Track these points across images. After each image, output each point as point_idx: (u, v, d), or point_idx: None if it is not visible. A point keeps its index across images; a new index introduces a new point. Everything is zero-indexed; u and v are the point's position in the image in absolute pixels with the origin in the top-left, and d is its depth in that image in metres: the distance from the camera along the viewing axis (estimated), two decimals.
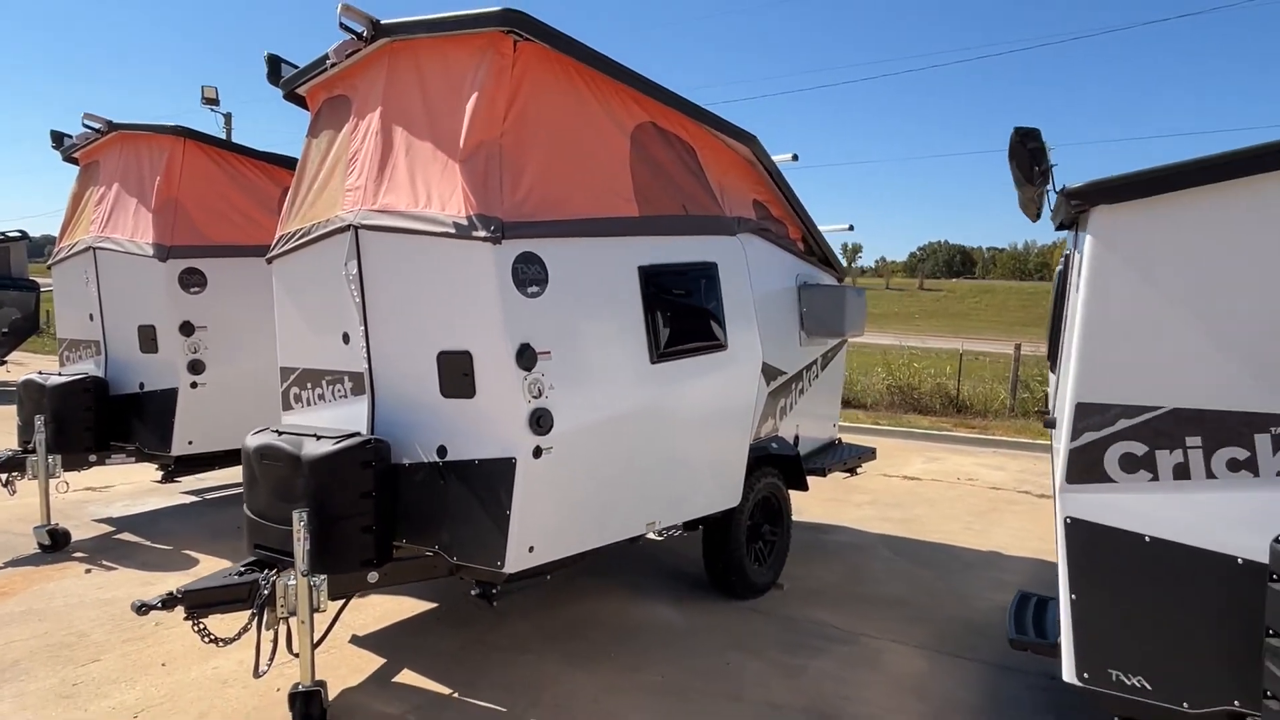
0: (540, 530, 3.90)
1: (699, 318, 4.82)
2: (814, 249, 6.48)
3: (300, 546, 3.57)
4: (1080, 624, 2.66)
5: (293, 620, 3.68)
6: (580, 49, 4.15)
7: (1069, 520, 2.69)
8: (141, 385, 6.74)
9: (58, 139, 7.37)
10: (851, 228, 7.57)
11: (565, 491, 4.02)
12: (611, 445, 4.25)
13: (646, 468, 4.50)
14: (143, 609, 3.54)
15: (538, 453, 3.79)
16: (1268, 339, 2.50)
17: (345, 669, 4.34)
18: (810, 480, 6.05)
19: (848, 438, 8.18)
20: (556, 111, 4.12)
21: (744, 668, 4.44)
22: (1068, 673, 2.73)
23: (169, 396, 6.51)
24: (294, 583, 3.62)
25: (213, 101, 25.25)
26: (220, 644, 3.63)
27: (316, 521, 3.68)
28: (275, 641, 3.74)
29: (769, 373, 5.58)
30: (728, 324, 4.94)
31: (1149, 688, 2.58)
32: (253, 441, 4.13)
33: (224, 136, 26.00)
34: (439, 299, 3.98)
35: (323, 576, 3.66)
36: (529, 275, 3.87)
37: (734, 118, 5.15)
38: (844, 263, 7.20)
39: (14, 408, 6.82)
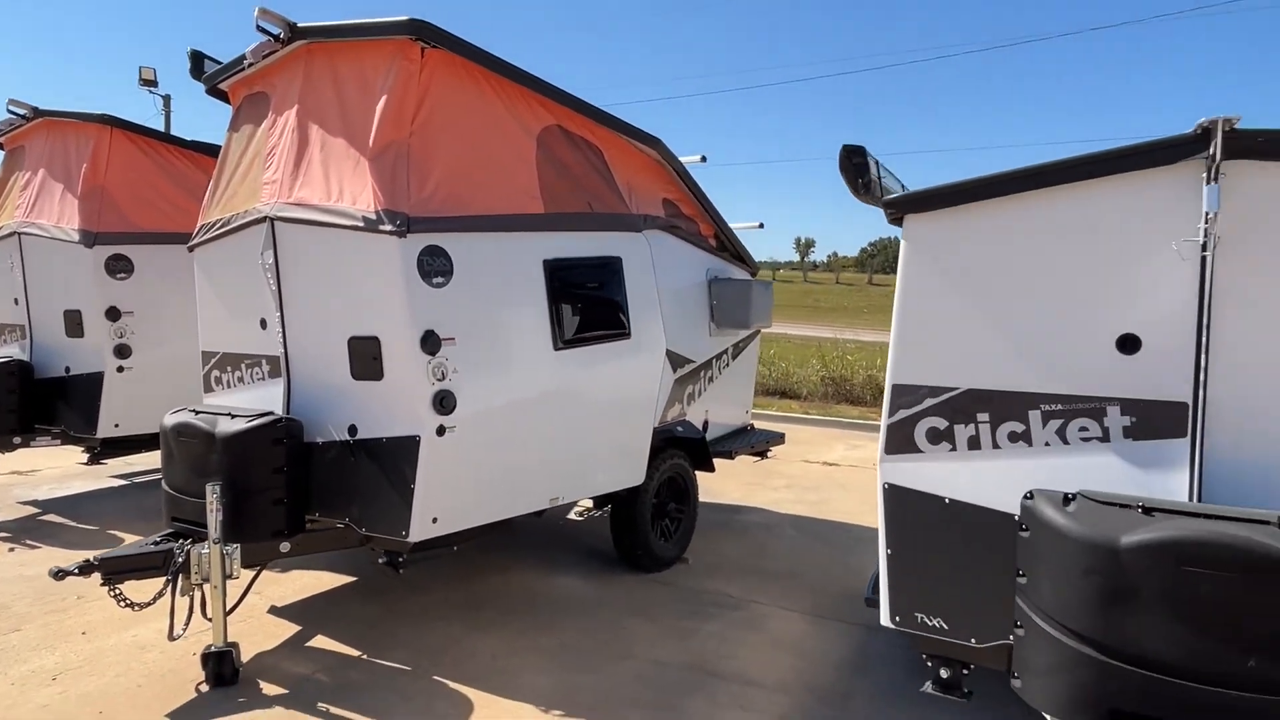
0: (443, 503, 4.18)
1: (603, 308, 5.16)
2: (726, 245, 6.87)
3: (213, 517, 3.83)
4: (893, 575, 3.08)
5: (207, 586, 3.95)
6: (486, 57, 4.45)
7: (886, 486, 3.10)
8: (67, 369, 6.87)
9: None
10: (761, 225, 8.02)
11: (468, 468, 4.30)
12: (514, 425, 4.55)
13: (550, 447, 4.81)
14: (59, 574, 3.77)
15: (441, 431, 4.08)
16: (1037, 331, 2.94)
17: (261, 635, 4.61)
18: (725, 464, 6.45)
19: (779, 426, 8.63)
20: (463, 114, 4.42)
21: (638, 631, 4.82)
22: (885, 618, 3.15)
23: (95, 380, 6.65)
24: (207, 551, 3.89)
25: (150, 83, 24.70)
26: (136, 608, 3.90)
27: (230, 494, 3.94)
28: (190, 609, 4.01)
29: (675, 360, 5.95)
30: (631, 314, 5.30)
31: (946, 627, 3.01)
32: (170, 420, 4.38)
33: (164, 117, 25.55)
34: (350, 288, 4.26)
35: (235, 545, 3.95)
36: (434, 267, 4.16)
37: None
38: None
39: None
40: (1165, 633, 2.39)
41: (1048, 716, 2.69)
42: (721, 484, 8.16)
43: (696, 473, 6.27)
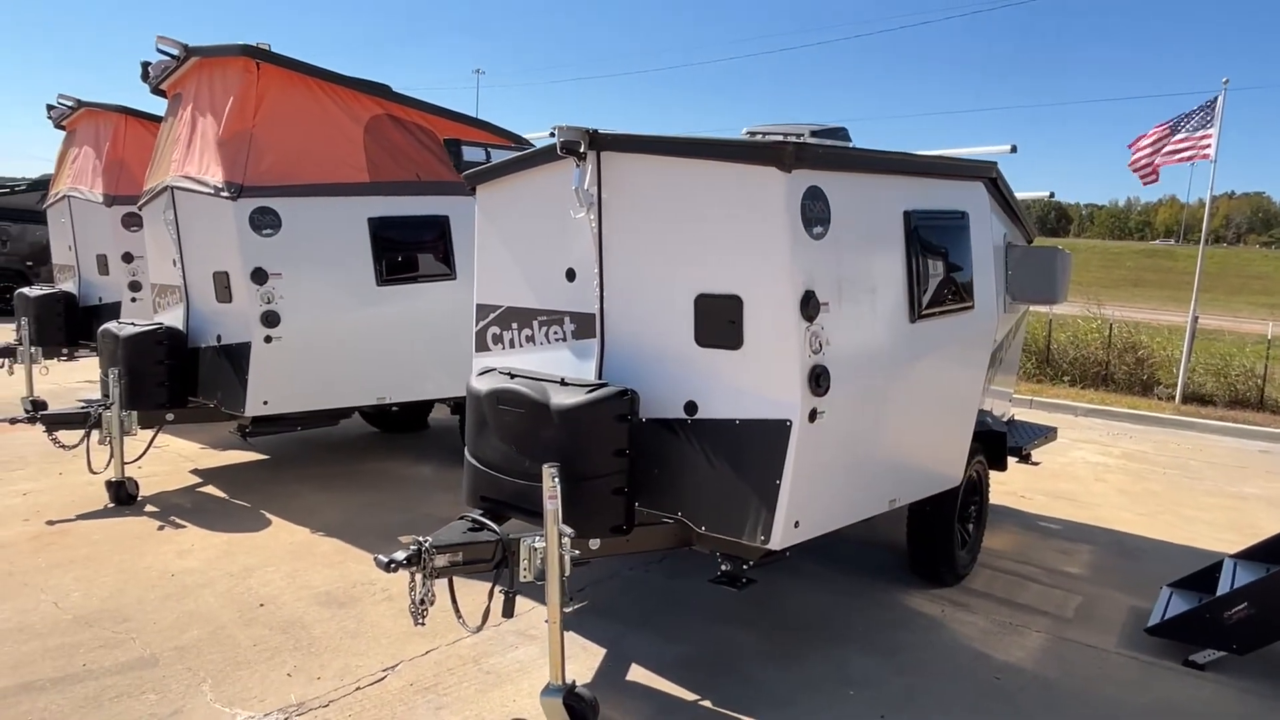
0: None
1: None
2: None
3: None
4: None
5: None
6: (313, 69, 6.11)
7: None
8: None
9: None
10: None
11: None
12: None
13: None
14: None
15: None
16: (534, 268, 4.23)
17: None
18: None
19: None
20: (296, 109, 6.08)
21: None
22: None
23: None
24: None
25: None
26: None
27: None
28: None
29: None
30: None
31: None
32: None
33: None
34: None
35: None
36: (264, 222, 5.88)
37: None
38: None
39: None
40: (495, 446, 3.72)
41: None
42: None
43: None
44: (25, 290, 9.17)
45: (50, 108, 9.69)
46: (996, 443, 5.47)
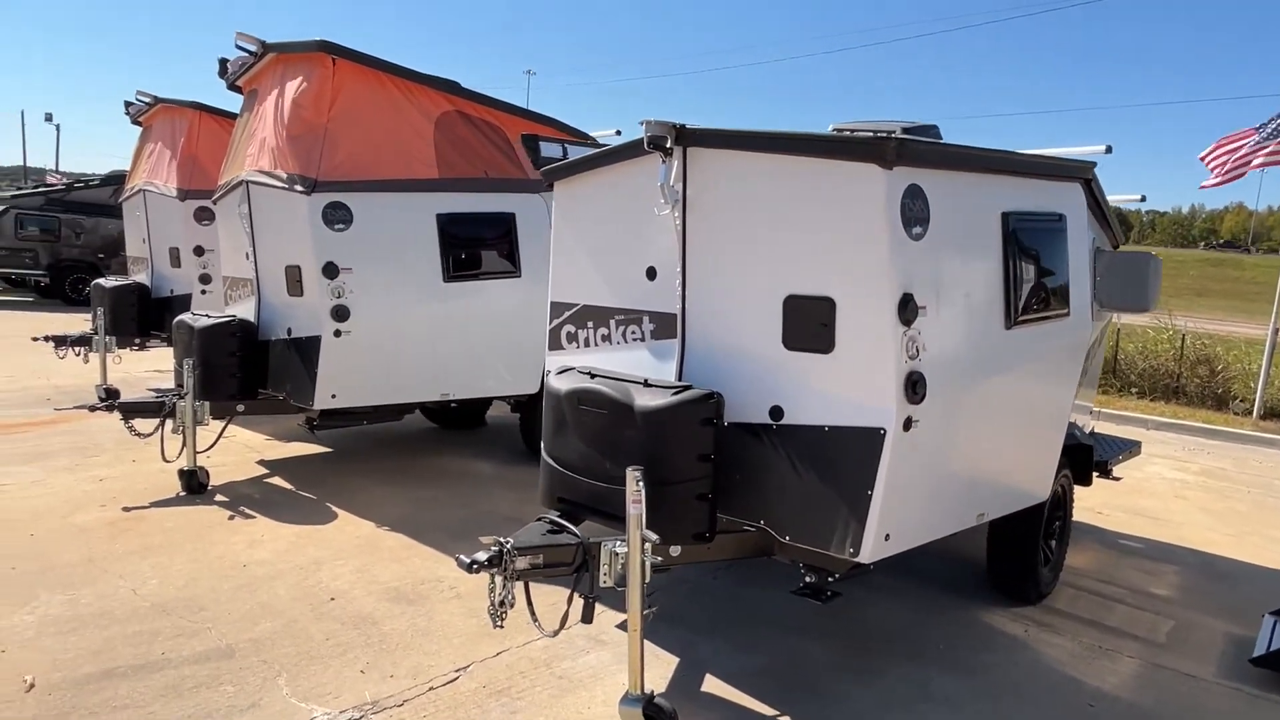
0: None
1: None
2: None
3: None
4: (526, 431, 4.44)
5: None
6: (386, 64, 6.11)
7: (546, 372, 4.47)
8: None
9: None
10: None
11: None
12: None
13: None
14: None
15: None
16: (612, 266, 4.14)
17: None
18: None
19: None
20: (370, 105, 6.10)
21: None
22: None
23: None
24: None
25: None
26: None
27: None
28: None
29: None
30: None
31: None
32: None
33: None
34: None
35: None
36: (336, 217, 5.91)
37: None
38: None
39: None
40: (574, 447, 3.65)
41: None
42: None
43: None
44: (101, 281, 9.42)
45: (128, 104, 9.95)
46: (1083, 457, 5.24)
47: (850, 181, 3.25)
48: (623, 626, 4.11)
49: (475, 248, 6.63)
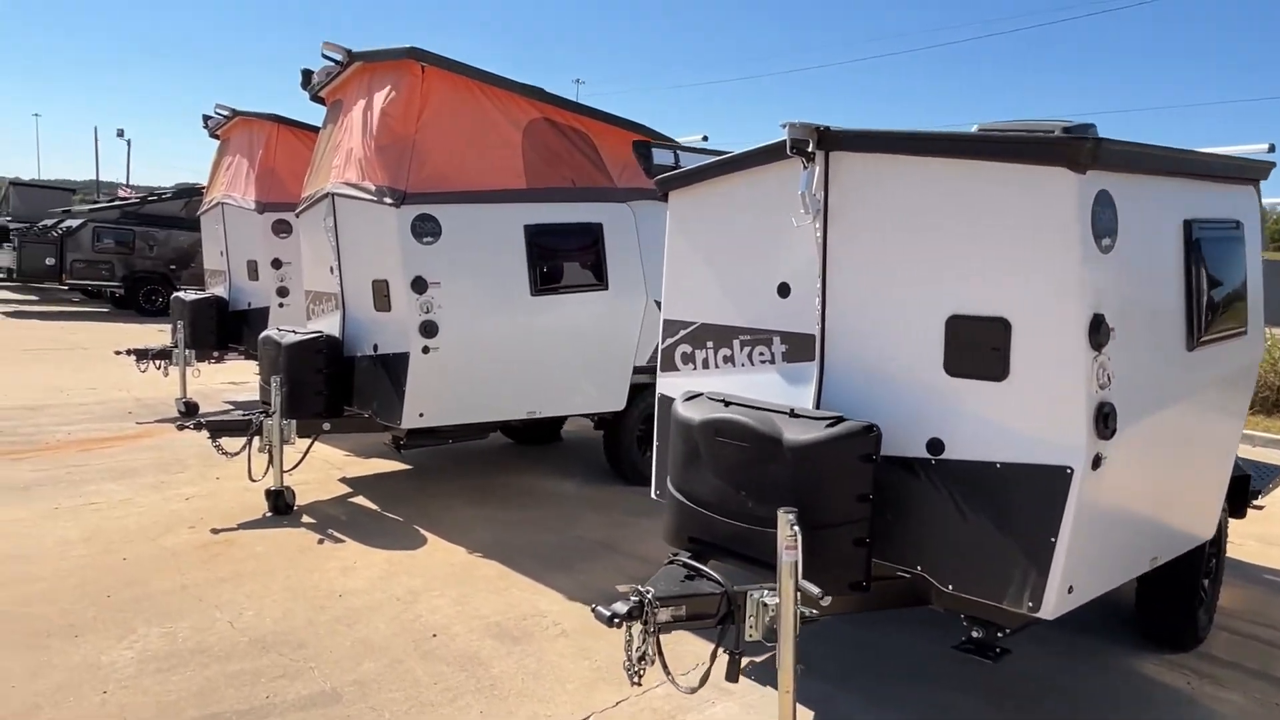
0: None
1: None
2: None
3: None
4: (659, 458, 4.13)
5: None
6: (476, 71, 5.89)
7: (660, 396, 4.16)
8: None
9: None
10: None
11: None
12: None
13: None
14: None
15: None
16: (737, 282, 3.81)
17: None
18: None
19: None
20: (458, 113, 5.88)
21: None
22: (653, 491, 4.23)
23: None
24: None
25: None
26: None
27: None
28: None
29: None
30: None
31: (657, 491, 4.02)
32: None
33: None
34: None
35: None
36: (425, 229, 5.71)
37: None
38: None
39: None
40: (709, 482, 3.31)
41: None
42: None
43: None
44: (181, 294, 9.44)
45: (206, 117, 9.99)
46: (1241, 486, 4.74)
47: (1033, 187, 2.90)
48: (755, 676, 3.79)
49: (563, 260, 6.38)
